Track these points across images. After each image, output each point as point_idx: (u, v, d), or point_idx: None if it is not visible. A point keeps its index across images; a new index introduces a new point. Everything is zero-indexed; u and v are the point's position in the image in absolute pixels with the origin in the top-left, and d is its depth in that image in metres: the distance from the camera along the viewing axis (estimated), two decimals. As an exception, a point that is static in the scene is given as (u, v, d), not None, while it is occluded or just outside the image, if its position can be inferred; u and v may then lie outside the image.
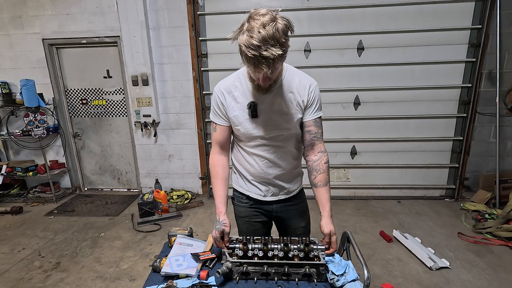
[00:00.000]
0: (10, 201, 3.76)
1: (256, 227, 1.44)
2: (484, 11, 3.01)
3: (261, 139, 1.25)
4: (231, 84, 1.24)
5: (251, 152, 1.30)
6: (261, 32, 0.93)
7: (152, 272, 1.27)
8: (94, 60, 3.67)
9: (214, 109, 1.28)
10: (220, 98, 1.25)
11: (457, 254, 2.47)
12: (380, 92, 3.36)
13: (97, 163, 4.07)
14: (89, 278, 2.29)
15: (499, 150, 3.23)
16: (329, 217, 1.25)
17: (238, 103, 1.22)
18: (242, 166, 1.36)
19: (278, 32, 0.94)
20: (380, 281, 2.14)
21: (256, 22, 0.94)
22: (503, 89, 3.19)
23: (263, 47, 0.94)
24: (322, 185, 1.27)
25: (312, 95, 1.22)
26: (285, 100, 1.20)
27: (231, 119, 1.25)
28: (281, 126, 1.23)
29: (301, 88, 1.21)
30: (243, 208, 1.44)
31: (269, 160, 1.28)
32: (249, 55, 0.96)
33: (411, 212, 3.27)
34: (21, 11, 3.48)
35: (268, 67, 0.98)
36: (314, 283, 1.14)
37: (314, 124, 1.26)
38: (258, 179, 1.34)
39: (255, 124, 1.22)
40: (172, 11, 3.34)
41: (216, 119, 1.29)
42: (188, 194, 3.78)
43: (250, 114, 1.20)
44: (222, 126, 1.29)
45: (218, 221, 1.28)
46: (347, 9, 3.18)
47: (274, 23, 0.94)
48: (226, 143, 1.34)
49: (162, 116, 3.68)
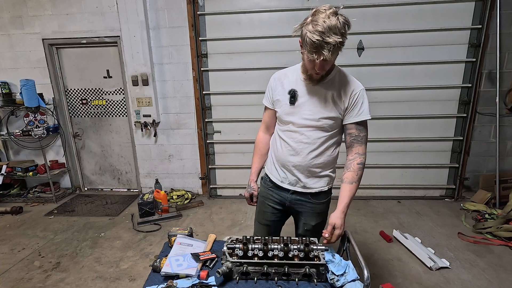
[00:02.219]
0: (10, 201, 3.76)
1: (267, 209, 1.54)
2: (484, 11, 3.01)
3: (292, 125, 1.35)
4: (284, 74, 1.41)
5: (280, 136, 1.42)
6: (325, 22, 1.08)
7: (152, 272, 1.27)
8: (94, 60, 3.67)
9: (266, 93, 1.48)
10: (272, 85, 1.43)
11: (457, 254, 2.47)
12: (380, 92, 3.36)
13: (97, 163, 4.07)
14: (89, 278, 2.29)
15: (499, 150, 3.23)
16: (340, 211, 1.32)
17: (284, 89, 1.37)
18: (272, 148, 1.50)
19: (339, 23, 1.09)
20: (380, 281, 2.14)
21: (321, 14, 1.10)
22: (503, 89, 3.19)
23: (327, 33, 1.07)
24: (347, 182, 1.34)
25: (354, 99, 1.28)
26: (324, 97, 1.30)
27: (275, 102, 1.41)
28: (311, 118, 1.31)
29: (345, 91, 1.29)
30: (264, 189, 1.56)
31: (292, 147, 1.37)
32: (314, 40, 1.09)
33: (411, 212, 3.27)
34: (21, 11, 3.48)
35: (329, 51, 1.09)
36: (314, 283, 1.14)
37: (356, 127, 1.32)
38: (280, 164, 1.44)
39: (290, 110, 1.34)
40: (172, 11, 3.34)
41: (266, 102, 1.49)
42: (188, 194, 3.78)
43: (289, 100, 1.33)
44: (268, 108, 1.49)
45: (249, 186, 1.58)
46: (347, 9, 3.14)
47: (337, 16, 1.10)
48: (272, 124, 1.52)
49: (162, 116, 3.68)
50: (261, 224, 1.59)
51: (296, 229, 1.57)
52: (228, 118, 3.60)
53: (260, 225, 1.60)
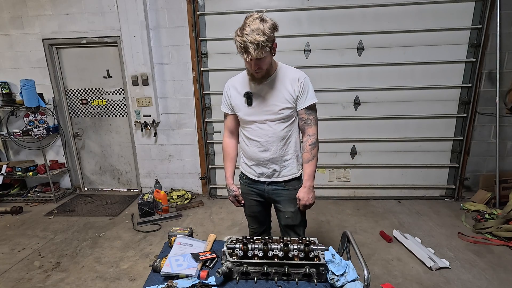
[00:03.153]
0: (10, 201, 3.76)
1: (251, 203, 1.70)
2: (484, 11, 3.01)
3: (256, 123, 1.49)
4: (237, 80, 1.55)
5: (248, 137, 1.54)
6: (250, 25, 1.23)
7: (152, 272, 1.27)
8: (94, 60, 3.67)
9: (223, 100, 1.60)
10: (227, 91, 1.56)
11: (457, 254, 2.47)
12: (380, 92, 3.36)
13: (97, 163, 4.07)
14: (89, 278, 2.29)
15: (499, 150, 3.23)
16: (304, 187, 1.52)
17: (239, 94, 1.51)
18: (243, 149, 1.63)
19: (262, 25, 1.23)
20: (380, 281, 2.14)
21: (247, 20, 1.26)
22: (503, 89, 3.19)
23: (250, 35, 1.22)
24: (305, 162, 1.52)
25: (301, 86, 1.44)
26: (277, 91, 1.44)
27: (233, 107, 1.54)
28: (270, 112, 1.45)
29: (292, 81, 1.44)
30: (243, 186, 1.70)
31: (260, 144, 1.50)
32: (239, 41, 1.25)
33: (411, 212, 3.27)
34: (21, 11, 3.48)
35: (254, 50, 1.23)
36: (314, 283, 1.14)
37: (305, 112, 1.49)
38: (254, 161, 1.57)
39: (250, 110, 1.48)
40: (172, 11, 3.34)
41: (225, 109, 1.61)
42: (188, 194, 3.78)
43: (246, 102, 1.48)
44: (229, 114, 1.60)
45: (229, 190, 1.69)
46: (347, 9, 3.18)
47: (261, 20, 1.24)
48: (235, 128, 1.64)
49: (162, 116, 3.68)
50: (250, 216, 1.79)
51: (279, 221, 1.69)
52: (228, 118, 3.59)
53: (249, 217, 1.79)
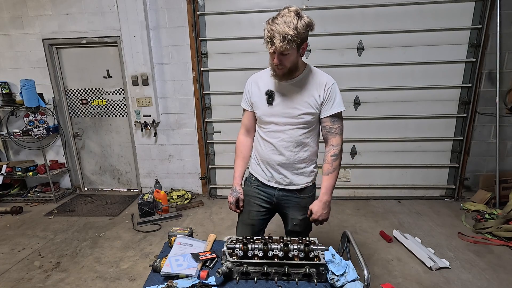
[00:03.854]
0: (10, 201, 3.76)
1: (253, 208, 1.55)
2: (484, 11, 3.01)
3: (274, 124, 1.39)
4: (259, 76, 1.45)
5: (263, 137, 1.45)
6: (283, 17, 1.15)
7: (152, 272, 1.27)
8: (94, 60, 3.67)
9: (244, 96, 1.50)
10: (248, 87, 1.47)
11: (457, 254, 2.47)
12: (380, 92, 3.36)
13: (97, 163, 4.07)
14: (89, 278, 2.29)
15: (499, 150, 3.23)
16: (320, 201, 1.40)
17: (260, 91, 1.41)
18: (256, 149, 1.53)
19: (296, 19, 1.14)
20: (380, 281, 2.14)
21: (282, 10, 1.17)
22: (503, 89, 3.19)
23: (281, 25, 1.13)
24: (324, 174, 1.42)
25: (328, 93, 1.34)
26: (300, 94, 1.34)
27: (253, 104, 1.44)
28: (289, 115, 1.35)
29: (319, 86, 1.34)
30: (250, 188, 1.57)
31: (275, 147, 1.41)
32: (268, 29, 1.16)
33: (411, 212, 3.27)
34: (21, 11, 3.48)
35: (280, 41, 1.13)
36: (314, 283, 1.14)
37: (330, 120, 1.38)
38: (265, 164, 1.47)
39: (269, 110, 1.38)
40: (172, 11, 3.34)
41: (244, 104, 1.51)
42: (188, 194, 3.78)
43: (267, 101, 1.37)
44: (247, 111, 1.51)
45: (235, 190, 1.55)
46: (347, 9, 3.17)
47: (297, 14, 1.15)
48: (252, 126, 1.54)
49: (162, 116, 3.68)
50: (245, 225, 1.58)
51: (285, 225, 1.60)
52: (228, 118, 3.59)
53: (244, 225, 1.58)
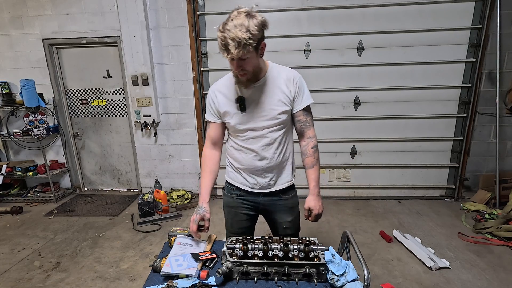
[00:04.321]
0: (10, 201, 3.76)
1: (240, 218, 1.51)
2: (484, 11, 3.01)
3: (251, 131, 1.34)
4: (222, 84, 1.38)
5: (241, 145, 1.39)
6: (233, 20, 1.08)
7: (152, 272, 1.27)
8: (94, 60, 3.67)
9: (208, 108, 1.42)
10: (212, 97, 1.38)
11: (457, 254, 2.47)
12: (380, 92, 3.36)
13: (97, 163, 4.07)
14: (89, 278, 2.29)
15: (499, 150, 3.23)
16: (313, 195, 1.37)
17: (228, 99, 1.34)
18: (234, 158, 1.45)
19: (248, 21, 1.07)
20: (380, 281, 2.14)
21: (232, 13, 1.11)
22: (503, 89, 3.19)
23: (232, 30, 1.06)
24: (309, 167, 1.39)
25: (297, 87, 1.32)
26: (271, 94, 1.31)
27: (223, 114, 1.36)
28: (267, 118, 1.31)
29: (287, 81, 1.32)
30: (231, 199, 1.51)
31: (257, 153, 1.36)
32: (220, 37, 1.09)
33: (411, 212, 3.27)
34: (21, 11, 3.48)
35: (235, 48, 1.07)
36: (314, 283, 1.14)
37: (303, 113, 1.37)
38: (247, 172, 1.42)
39: (244, 117, 1.33)
40: (172, 11, 3.34)
41: (209, 117, 1.43)
42: (188, 194, 3.78)
43: (239, 108, 1.32)
44: (214, 123, 1.43)
45: (201, 207, 1.38)
46: (347, 9, 3.17)
47: (247, 14, 1.09)
48: (219, 139, 1.46)
49: (162, 116, 3.68)
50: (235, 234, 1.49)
51: (274, 231, 1.55)
52: (228, 118, 3.59)
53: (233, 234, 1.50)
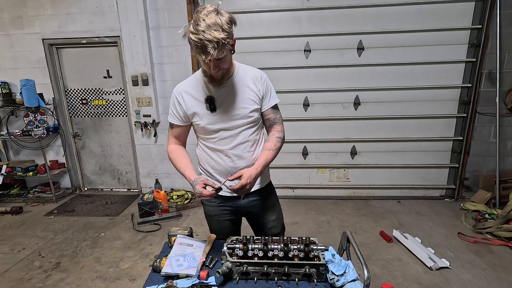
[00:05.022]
0: (10, 201, 3.76)
1: (225, 225, 1.50)
2: (484, 11, 3.01)
3: (223, 131, 1.31)
4: (188, 85, 1.33)
5: (214, 148, 1.35)
6: (205, 20, 1.05)
7: (152, 272, 1.27)
8: (94, 60, 3.67)
9: (171, 110, 1.37)
10: (178, 99, 1.32)
11: (457, 254, 2.47)
12: (380, 92, 3.36)
13: (97, 163, 4.07)
14: (89, 278, 2.29)
15: (499, 150, 3.23)
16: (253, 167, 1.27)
17: (196, 100, 1.30)
18: (208, 164, 1.40)
19: (220, 19, 1.06)
20: (380, 281, 2.14)
21: (201, 13, 1.07)
22: (503, 89, 3.19)
23: (207, 32, 1.04)
24: (266, 149, 1.36)
25: (265, 85, 1.33)
26: (241, 92, 1.30)
27: (191, 115, 1.32)
28: (239, 117, 1.30)
29: (255, 80, 1.32)
30: (211, 208, 1.49)
31: (232, 153, 1.33)
32: (196, 40, 1.05)
33: (411, 212, 3.27)
34: (21, 11, 3.48)
35: (214, 49, 1.06)
36: (314, 283, 1.14)
37: (272, 111, 1.38)
38: (223, 175, 1.37)
39: (214, 117, 1.29)
40: (172, 11, 3.34)
41: (172, 119, 1.38)
42: (188, 194, 3.78)
43: (209, 108, 1.28)
44: (177, 125, 1.38)
45: (194, 180, 1.27)
46: (347, 9, 3.17)
47: (217, 13, 1.07)
48: (182, 136, 1.43)
49: (162, 116, 3.67)
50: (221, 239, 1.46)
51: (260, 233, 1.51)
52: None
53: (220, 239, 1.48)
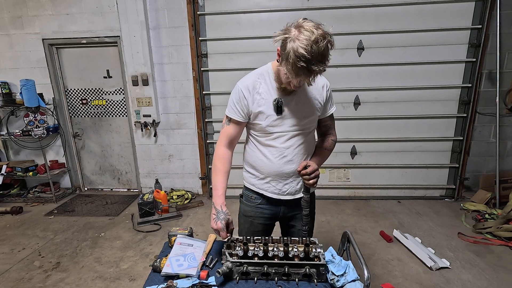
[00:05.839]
0: (10, 201, 3.76)
1: (257, 228, 1.46)
2: (484, 11, 3.01)
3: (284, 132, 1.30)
4: (255, 81, 1.29)
5: (269, 144, 1.32)
6: (313, 47, 0.98)
7: (152, 272, 1.27)
8: (94, 60, 3.67)
9: (234, 104, 1.31)
10: (244, 93, 1.28)
11: (457, 254, 2.47)
12: (380, 92, 3.36)
13: (97, 163, 4.07)
14: (89, 278, 2.29)
15: (499, 150, 3.23)
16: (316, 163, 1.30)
17: (264, 100, 1.26)
18: (257, 163, 1.37)
19: (327, 50, 1.03)
20: (380, 281, 2.14)
21: (308, 33, 0.99)
22: (503, 89, 3.19)
23: (313, 62, 1.00)
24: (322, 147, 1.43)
25: (328, 94, 1.35)
26: (307, 100, 1.30)
27: (256, 114, 1.28)
28: (301, 123, 1.30)
29: (322, 88, 1.32)
30: (249, 208, 1.46)
31: (285, 155, 1.31)
32: (298, 65, 1.01)
33: (411, 212, 3.27)
34: (21, 11, 3.48)
35: (310, 78, 1.06)
36: (314, 283, 1.14)
37: (329, 118, 1.44)
38: (274, 176, 1.35)
39: (278, 121, 1.27)
40: (172, 11, 3.34)
41: (233, 114, 1.32)
42: (188, 194, 3.78)
43: (276, 110, 1.25)
44: (237, 121, 1.32)
45: (221, 212, 1.25)
46: (347, 9, 3.17)
47: (326, 41, 1.01)
48: (235, 138, 1.37)
49: (162, 116, 3.68)
50: None
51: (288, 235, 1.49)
52: (228, 118, 3.59)
53: None
